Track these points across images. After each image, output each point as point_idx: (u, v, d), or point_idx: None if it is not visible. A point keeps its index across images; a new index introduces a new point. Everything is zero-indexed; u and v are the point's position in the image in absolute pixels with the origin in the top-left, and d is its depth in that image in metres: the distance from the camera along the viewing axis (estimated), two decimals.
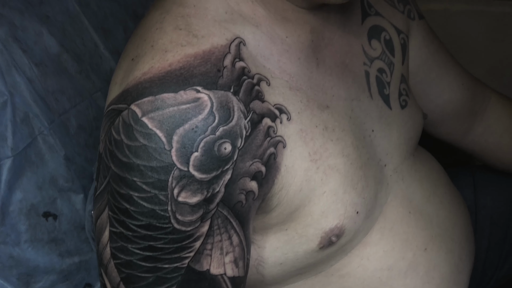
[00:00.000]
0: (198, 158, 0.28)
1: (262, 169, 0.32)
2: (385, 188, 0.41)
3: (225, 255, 0.31)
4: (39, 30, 0.52)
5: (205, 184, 0.29)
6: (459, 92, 0.54)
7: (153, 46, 0.31)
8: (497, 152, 0.57)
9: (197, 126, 0.28)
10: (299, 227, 0.36)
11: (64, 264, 0.50)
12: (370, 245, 0.40)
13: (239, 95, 0.30)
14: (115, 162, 0.29)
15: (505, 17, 0.94)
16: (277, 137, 0.33)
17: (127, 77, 0.31)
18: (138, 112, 0.29)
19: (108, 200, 0.30)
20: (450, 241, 0.44)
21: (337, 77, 0.39)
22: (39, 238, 0.48)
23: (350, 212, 0.37)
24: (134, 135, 0.28)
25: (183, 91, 0.29)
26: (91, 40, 0.57)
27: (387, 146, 0.42)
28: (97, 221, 0.32)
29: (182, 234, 0.29)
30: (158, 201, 0.28)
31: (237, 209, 0.31)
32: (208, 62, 0.30)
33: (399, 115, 0.44)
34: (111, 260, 0.31)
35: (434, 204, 0.45)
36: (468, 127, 0.56)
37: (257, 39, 0.34)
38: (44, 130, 0.50)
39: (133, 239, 0.30)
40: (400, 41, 0.46)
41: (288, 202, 0.34)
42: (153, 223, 0.29)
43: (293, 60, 0.36)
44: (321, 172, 0.35)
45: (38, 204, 0.48)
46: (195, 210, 0.29)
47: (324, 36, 0.39)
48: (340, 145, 0.37)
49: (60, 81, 0.53)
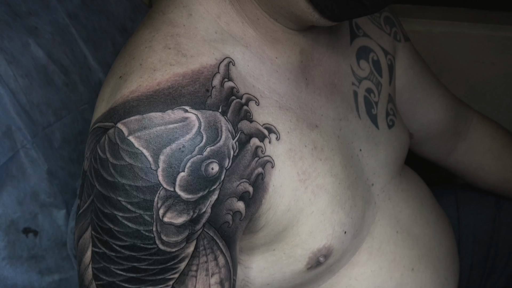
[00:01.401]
0: (184, 178, 0.28)
1: (250, 189, 0.31)
2: (372, 208, 0.41)
3: (210, 276, 0.31)
4: (26, 41, 0.51)
5: (191, 204, 0.29)
6: (443, 112, 0.55)
7: (142, 65, 0.30)
8: (479, 171, 0.58)
9: (184, 146, 0.28)
10: (287, 247, 0.35)
11: (43, 282, 0.48)
12: (358, 265, 0.40)
13: (227, 115, 0.30)
14: (100, 180, 0.29)
15: (486, 39, 0.97)
16: (266, 157, 0.33)
17: (114, 95, 0.30)
18: (125, 130, 0.28)
19: (91, 219, 0.30)
20: (436, 261, 0.44)
21: (325, 97, 0.39)
22: (18, 255, 0.46)
23: (338, 232, 0.37)
24: (120, 154, 0.28)
25: (170, 111, 0.28)
26: (80, 51, 0.57)
27: (374, 165, 0.43)
28: (79, 240, 0.31)
29: (167, 255, 0.29)
30: (143, 221, 0.28)
31: (223, 229, 0.31)
32: (197, 82, 0.30)
33: (386, 135, 0.44)
34: (93, 281, 0.30)
35: (421, 224, 0.45)
36: (451, 146, 0.57)
37: (247, 59, 0.34)
38: (26, 144, 0.49)
39: (116, 260, 0.29)
40: (387, 62, 0.47)
41: (275, 222, 0.34)
42: (137, 243, 0.28)
43: (282, 80, 0.36)
44: (309, 192, 0.35)
45: (18, 219, 0.47)
46: (180, 230, 0.29)
47: (314, 56, 0.39)
48: (329, 164, 0.37)
49: (46, 93, 0.52)
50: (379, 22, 0.48)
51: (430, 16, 1.00)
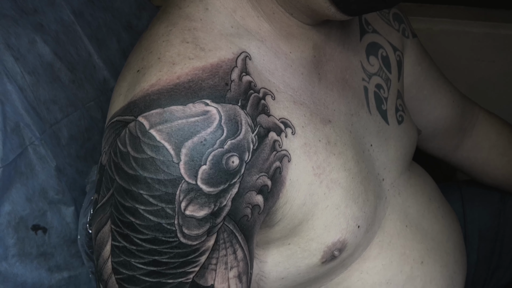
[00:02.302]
0: (206, 171, 0.28)
1: (268, 183, 0.31)
2: (383, 202, 0.42)
3: (229, 270, 0.31)
4: (33, 38, 0.51)
5: (213, 197, 0.29)
6: (450, 108, 0.55)
7: (160, 59, 0.30)
8: (485, 167, 0.58)
9: (206, 139, 0.28)
10: (302, 241, 0.36)
11: (53, 279, 0.48)
12: (369, 259, 0.40)
13: (246, 109, 0.30)
14: (121, 174, 0.29)
15: (486, 37, 0.98)
16: (283, 151, 0.33)
17: (133, 89, 0.30)
18: (146, 124, 0.28)
19: (111, 213, 0.30)
20: (444, 255, 0.45)
21: (337, 92, 0.40)
22: (27, 253, 0.46)
23: (352, 226, 0.37)
24: (141, 147, 0.28)
25: (191, 104, 0.28)
26: (85, 49, 0.56)
27: (384, 160, 0.43)
28: (98, 235, 0.31)
29: (188, 249, 0.29)
30: (164, 214, 0.28)
31: (242, 223, 0.31)
32: (216, 76, 0.30)
33: (396, 130, 0.45)
34: (112, 275, 0.30)
35: (429, 218, 0.46)
36: (458, 142, 0.58)
37: (262, 53, 0.34)
38: (35, 141, 0.49)
39: (137, 254, 0.29)
40: (396, 58, 0.47)
41: (291, 216, 0.34)
42: (159, 237, 0.28)
43: (296, 75, 0.36)
44: (324, 186, 0.35)
45: (27, 216, 0.47)
46: (201, 224, 0.29)
47: (326, 52, 0.39)
48: (342, 159, 0.37)
49: (53, 90, 0.52)
50: (388, 19, 0.48)
51: (430, 14, 1.01)
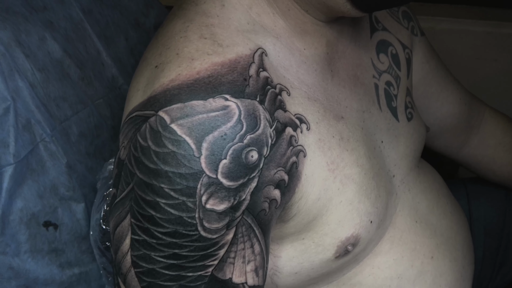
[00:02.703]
0: (226, 166, 0.28)
1: (285, 178, 0.32)
2: (394, 198, 0.42)
3: (247, 263, 0.31)
4: (43, 35, 0.51)
5: (233, 191, 0.29)
6: (457, 106, 0.56)
7: (178, 54, 0.31)
8: (491, 164, 0.59)
9: (226, 133, 0.28)
10: (316, 236, 0.36)
11: (64, 275, 0.48)
12: (381, 254, 0.41)
13: (264, 104, 0.31)
14: (141, 168, 0.29)
15: (488, 36, 0.98)
16: (298, 146, 0.33)
17: (152, 84, 0.31)
18: (167, 118, 0.28)
19: (130, 207, 0.30)
20: (453, 250, 0.45)
21: (349, 89, 0.40)
22: (39, 249, 0.46)
23: (365, 222, 0.37)
24: (162, 141, 0.28)
25: (212, 99, 0.29)
26: (94, 47, 0.57)
27: (395, 157, 0.43)
28: (116, 229, 0.31)
29: (207, 242, 0.29)
30: (186, 208, 0.28)
31: (260, 217, 0.31)
32: (235, 71, 0.30)
33: (405, 127, 0.45)
34: (132, 269, 0.30)
35: (437, 214, 0.46)
36: (464, 140, 0.58)
37: (277, 50, 0.34)
38: (45, 137, 0.49)
39: (157, 247, 0.29)
40: (405, 56, 0.47)
41: (306, 211, 0.35)
42: (180, 230, 0.28)
43: (310, 71, 0.36)
44: (338, 182, 0.36)
45: (38, 213, 0.47)
46: (221, 217, 0.29)
47: (338, 49, 0.39)
48: (355, 155, 0.37)
49: (62, 87, 0.52)
50: (398, 16, 0.49)
51: (433, 13, 1.02)
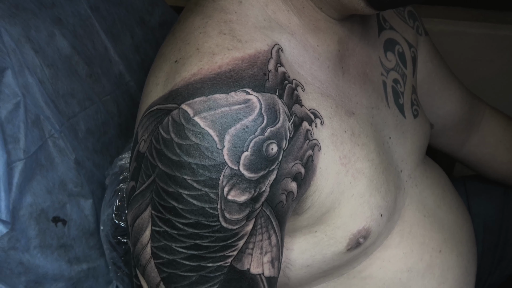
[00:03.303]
0: (248, 158, 0.29)
1: (302, 171, 0.32)
2: (402, 193, 0.43)
3: (264, 254, 0.32)
4: (51, 31, 0.51)
5: (253, 183, 0.29)
6: (459, 104, 0.57)
7: (199, 49, 0.31)
8: (491, 162, 0.60)
9: (248, 126, 0.29)
10: (329, 229, 0.37)
11: (72, 271, 0.48)
12: (391, 248, 0.41)
13: (283, 99, 0.31)
14: (164, 160, 0.29)
15: (485, 37, 1.00)
16: (314, 140, 0.34)
17: (172, 78, 0.31)
18: (190, 111, 0.29)
19: (151, 199, 0.30)
20: (459, 244, 0.46)
21: (359, 86, 0.41)
22: (48, 244, 0.46)
23: (376, 215, 0.38)
24: (185, 134, 0.29)
25: (234, 93, 0.29)
26: (102, 43, 0.57)
27: (402, 152, 0.44)
28: (136, 221, 0.31)
29: (228, 233, 0.30)
30: (208, 199, 0.29)
31: (278, 209, 0.32)
32: (255, 66, 0.31)
33: (412, 124, 0.46)
34: (151, 260, 0.31)
35: (444, 210, 0.47)
36: (465, 138, 0.60)
37: (292, 46, 0.35)
38: (54, 133, 0.49)
39: (178, 238, 0.30)
40: (411, 54, 0.49)
41: (320, 204, 0.35)
42: (201, 221, 0.29)
43: (323, 68, 0.37)
44: (350, 176, 0.36)
45: (47, 208, 0.47)
46: (242, 208, 0.29)
47: (348, 47, 0.40)
48: (365, 150, 0.38)
49: (71, 83, 0.52)
50: (404, 16, 0.50)
51: (430, 15, 1.03)
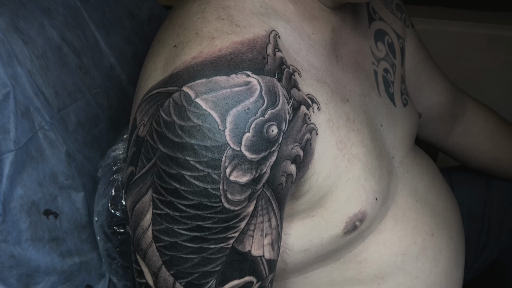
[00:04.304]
0: (249, 139, 0.29)
1: (301, 153, 0.33)
2: (395, 179, 0.44)
3: (264, 237, 0.32)
4: (41, 22, 0.50)
5: (255, 164, 0.30)
6: (444, 95, 0.59)
7: (198, 34, 0.32)
8: (474, 152, 0.63)
9: (249, 108, 0.29)
10: (326, 213, 0.37)
11: (65, 264, 0.47)
12: (385, 232, 0.42)
13: (282, 82, 0.32)
14: (165, 142, 0.29)
15: (463, 36, 1.03)
16: (311, 124, 0.34)
17: (172, 62, 0.31)
18: (191, 93, 0.29)
19: (152, 182, 0.30)
20: (450, 229, 0.48)
21: (352, 74, 0.42)
22: (40, 237, 0.46)
23: (371, 199, 0.39)
24: (187, 115, 0.29)
25: (234, 75, 0.30)
26: (92, 35, 0.56)
27: (393, 140, 0.46)
28: (136, 205, 0.31)
29: (230, 214, 0.30)
30: (211, 179, 0.29)
31: (278, 191, 0.32)
32: (254, 50, 0.31)
33: (402, 112, 0.48)
34: (153, 244, 0.31)
35: (435, 195, 0.49)
36: (449, 128, 0.62)
37: (288, 33, 0.36)
38: (45, 125, 0.48)
39: (181, 220, 0.30)
40: (399, 45, 0.50)
41: (317, 188, 0.36)
42: (204, 202, 0.29)
43: (318, 55, 0.38)
44: (346, 160, 0.37)
45: (39, 201, 0.46)
46: (244, 189, 0.30)
47: (341, 35, 0.41)
48: (360, 136, 0.39)
49: (61, 75, 0.52)
50: (392, 8, 0.51)
51: (411, 14, 1.05)
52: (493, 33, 1.01)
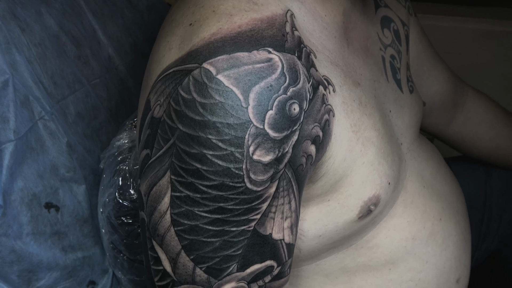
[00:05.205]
0: (272, 117, 0.29)
1: (320, 134, 0.32)
2: (404, 164, 0.44)
3: (284, 219, 0.31)
4: (38, 9, 0.49)
5: (278, 143, 0.29)
6: (445, 84, 0.59)
7: (215, 11, 0.31)
8: (475, 140, 0.63)
9: (272, 85, 0.29)
10: (341, 197, 0.37)
11: (67, 259, 0.46)
12: (396, 217, 0.42)
13: (301, 60, 0.31)
14: (185, 121, 0.28)
15: (454, 31, 1.05)
16: (328, 106, 0.34)
17: (189, 40, 0.30)
18: (213, 70, 0.28)
19: (170, 164, 0.29)
20: (456, 213, 0.48)
21: (362, 59, 0.41)
22: (41, 231, 0.44)
23: (384, 183, 0.39)
24: (208, 92, 0.28)
25: (256, 51, 0.29)
26: (90, 25, 0.55)
27: (401, 126, 0.45)
28: (152, 189, 0.30)
29: (252, 195, 0.29)
30: (233, 158, 0.28)
31: (298, 172, 0.31)
32: (274, 27, 0.31)
33: (408, 99, 0.47)
34: (171, 228, 0.29)
35: (440, 181, 0.49)
36: (451, 118, 0.62)
37: (303, 14, 0.35)
38: (45, 115, 0.46)
39: (201, 202, 0.29)
40: (404, 32, 0.50)
41: (333, 171, 0.36)
42: (226, 182, 0.28)
43: (331, 37, 0.38)
44: (360, 144, 0.37)
45: (39, 194, 0.44)
46: (267, 169, 0.29)
47: (351, 20, 0.41)
48: (372, 119, 0.39)
49: (60, 64, 0.50)
50: None
51: None
52: (483, 28, 1.02)
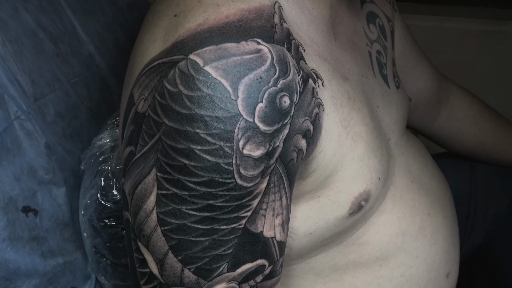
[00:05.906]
0: (262, 109, 0.28)
1: (311, 128, 0.32)
2: (392, 160, 0.44)
3: (275, 217, 0.30)
4: (14, 5, 0.47)
5: (268, 137, 0.28)
6: (430, 81, 0.59)
7: (201, 2, 0.30)
8: (459, 136, 0.64)
9: (261, 76, 0.28)
10: (332, 193, 0.36)
11: (47, 266, 0.43)
12: (385, 212, 0.42)
13: (291, 52, 0.31)
14: (171, 116, 0.27)
15: (435, 30, 1.06)
16: (318, 99, 0.33)
17: (174, 31, 0.29)
18: (199, 61, 0.27)
19: (156, 160, 0.28)
20: (444, 208, 0.48)
21: (349, 53, 0.41)
22: (19, 236, 0.42)
23: (374, 178, 0.38)
24: (196, 85, 0.27)
25: (244, 42, 0.28)
26: (69, 21, 0.53)
27: (389, 121, 0.45)
28: (137, 188, 0.29)
29: (243, 191, 0.28)
30: (223, 153, 0.27)
31: (289, 167, 0.31)
32: (262, 18, 0.30)
33: (395, 94, 0.47)
34: (158, 228, 0.28)
35: (428, 176, 0.49)
36: (435, 114, 0.62)
37: (290, 6, 0.35)
38: (21, 115, 0.44)
39: (189, 199, 0.27)
40: (389, 28, 0.50)
41: (324, 166, 0.35)
42: (216, 178, 0.27)
43: (318, 31, 0.37)
44: (350, 138, 0.36)
45: (16, 197, 0.42)
46: (257, 164, 0.28)
47: (338, 14, 0.41)
48: (361, 114, 0.38)
49: (38, 62, 0.48)
50: None
51: None
52: (463, 27, 1.04)
